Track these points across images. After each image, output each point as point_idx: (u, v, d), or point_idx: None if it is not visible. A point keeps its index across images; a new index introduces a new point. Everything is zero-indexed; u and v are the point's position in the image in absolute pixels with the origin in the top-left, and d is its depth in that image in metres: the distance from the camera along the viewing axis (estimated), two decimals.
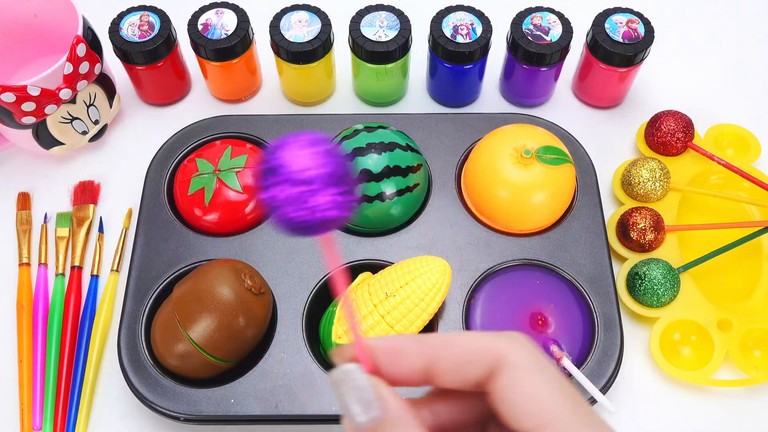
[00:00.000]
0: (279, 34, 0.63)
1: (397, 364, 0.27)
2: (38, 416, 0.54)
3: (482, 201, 0.59)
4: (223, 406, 0.51)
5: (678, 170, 0.63)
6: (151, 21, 0.64)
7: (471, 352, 0.27)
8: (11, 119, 0.58)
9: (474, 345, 0.27)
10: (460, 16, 0.64)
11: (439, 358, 0.27)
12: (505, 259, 0.57)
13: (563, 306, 0.55)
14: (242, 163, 0.58)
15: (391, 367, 0.27)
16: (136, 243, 0.58)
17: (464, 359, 0.27)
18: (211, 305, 0.49)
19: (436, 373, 0.27)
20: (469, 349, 0.27)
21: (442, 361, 0.27)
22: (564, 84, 0.72)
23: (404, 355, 0.27)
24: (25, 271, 0.60)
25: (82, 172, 0.66)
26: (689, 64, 0.74)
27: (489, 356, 0.26)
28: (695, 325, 0.56)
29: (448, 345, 0.27)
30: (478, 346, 0.27)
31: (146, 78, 0.66)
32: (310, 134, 0.25)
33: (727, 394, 0.56)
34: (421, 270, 0.51)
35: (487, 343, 0.27)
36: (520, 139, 0.58)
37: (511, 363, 0.26)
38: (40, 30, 0.66)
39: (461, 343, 0.27)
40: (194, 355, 0.50)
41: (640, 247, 0.59)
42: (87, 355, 0.56)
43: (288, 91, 0.70)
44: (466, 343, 0.27)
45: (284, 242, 0.58)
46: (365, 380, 0.26)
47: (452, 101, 0.70)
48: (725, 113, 0.70)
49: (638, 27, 0.63)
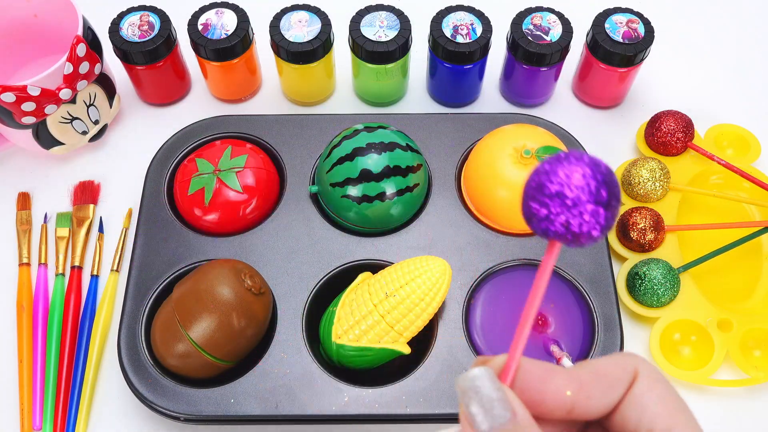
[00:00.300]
0: (279, 34, 0.63)
1: (545, 386, 0.27)
2: (38, 416, 0.54)
3: (482, 201, 0.59)
4: (223, 406, 0.51)
5: (678, 170, 0.63)
6: (151, 21, 0.64)
7: (616, 372, 0.27)
8: (11, 119, 0.58)
9: (616, 365, 0.28)
10: (460, 16, 0.64)
11: (591, 384, 0.27)
12: (505, 259, 0.57)
13: (563, 306, 0.55)
14: (242, 163, 0.58)
15: (538, 390, 0.27)
16: (136, 243, 0.58)
17: (611, 383, 0.27)
18: (211, 305, 0.49)
19: (585, 402, 0.27)
20: (613, 370, 0.28)
21: (595, 388, 0.27)
22: (564, 84, 0.72)
23: (555, 377, 0.27)
24: (25, 271, 0.60)
25: (82, 172, 0.66)
26: (689, 64, 0.74)
27: (629, 372, 0.27)
28: (695, 325, 0.56)
29: (596, 371, 0.28)
30: (619, 365, 0.28)
31: (146, 78, 0.66)
32: (586, 155, 0.26)
33: (727, 394, 0.56)
34: (421, 270, 0.51)
35: (625, 360, 0.28)
36: (520, 139, 0.58)
37: (644, 373, 0.27)
38: (40, 30, 0.66)
39: (605, 368, 0.28)
40: (194, 355, 0.50)
41: (640, 247, 0.59)
42: (87, 355, 0.56)
43: (288, 91, 0.70)
44: (608, 366, 0.28)
45: (284, 242, 0.58)
46: (495, 385, 0.26)
47: (452, 101, 0.70)
48: (725, 113, 0.70)
49: (638, 27, 0.63)
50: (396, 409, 0.50)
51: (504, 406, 0.25)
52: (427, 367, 0.52)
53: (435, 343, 0.53)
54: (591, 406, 0.27)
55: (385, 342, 0.50)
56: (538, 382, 0.27)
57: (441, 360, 0.53)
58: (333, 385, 0.51)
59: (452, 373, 0.52)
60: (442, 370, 0.52)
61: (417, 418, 0.51)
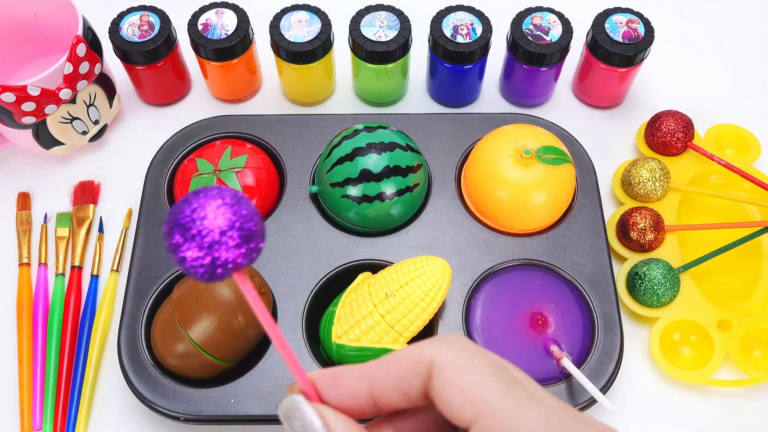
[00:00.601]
0: (279, 34, 0.63)
1: (339, 391, 0.27)
2: (38, 416, 0.54)
3: (482, 201, 0.59)
4: (223, 406, 0.51)
5: (678, 170, 0.63)
6: (151, 21, 0.64)
7: (405, 363, 0.27)
8: (11, 119, 0.58)
9: (406, 357, 0.27)
10: (460, 16, 0.64)
11: (377, 378, 0.27)
12: (505, 259, 0.57)
13: (563, 306, 0.55)
14: (242, 163, 0.58)
15: (335, 396, 0.27)
16: (136, 243, 0.58)
17: (400, 373, 0.27)
18: (211, 305, 0.49)
19: (382, 395, 0.27)
20: (402, 361, 0.27)
21: (381, 380, 0.27)
22: (564, 84, 0.72)
23: (343, 381, 0.27)
24: (25, 271, 0.60)
25: (82, 172, 0.66)
26: (689, 64, 0.74)
27: (422, 364, 0.26)
28: (695, 325, 0.56)
29: (383, 363, 0.27)
30: (411, 355, 0.27)
31: (146, 78, 0.66)
32: (215, 188, 0.25)
33: (727, 394, 0.56)
34: (421, 270, 0.51)
35: (418, 351, 0.27)
36: (520, 139, 0.58)
37: (439, 364, 0.26)
38: (40, 30, 0.66)
39: (394, 358, 0.27)
40: (194, 355, 0.50)
41: (640, 247, 0.59)
42: (87, 355, 0.56)
43: (288, 91, 0.70)
44: (398, 356, 0.27)
45: (284, 242, 0.58)
46: (308, 408, 0.27)
47: (452, 101, 0.70)
48: (725, 113, 0.70)
49: (638, 27, 0.63)
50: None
51: (320, 422, 0.26)
52: None
53: None
54: (390, 399, 0.27)
55: (386, 342, 0.50)
56: (331, 387, 0.27)
57: None
58: None
59: None
60: None
61: None
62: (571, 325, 0.54)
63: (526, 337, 0.54)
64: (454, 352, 0.26)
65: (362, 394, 0.27)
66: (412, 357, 0.27)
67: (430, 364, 0.26)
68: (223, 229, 0.24)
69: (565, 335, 0.54)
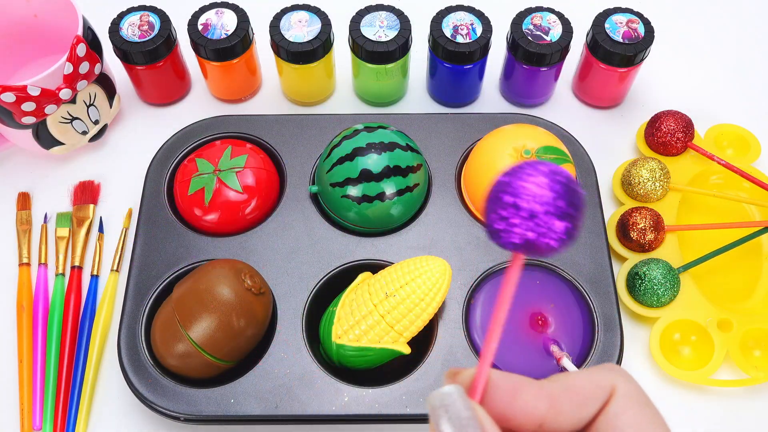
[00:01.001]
0: (279, 34, 0.63)
1: (513, 402, 0.27)
2: (38, 416, 0.54)
3: (482, 201, 0.58)
4: (223, 406, 0.51)
5: (678, 170, 0.63)
6: (151, 21, 0.64)
7: (590, 389, 0.27)
8: (11, 119, 0.58)
9: (591, 381, 0.27)
10: (460, 16, 0.64)
11: (560, 400, 0.27)
12: (505, 259, 0.57)
13: (563, 306, 0.55)
14: (242, 163, 0.58)
15: (505, 405, 0.27)
16: (136, 243, 0.58)
17: (585, 398, 0.27)
18: (211, 305, 0.49)
19: (555, 417, 0.27)
20: (588, 386, 0.27)
21: (563, 403, 0.27)
22: (564, 84, 0.72)
23: (522, 394, 0.27)
24: (25, 271, 0.60)
25: (82, 172, 0.66)
26: (689, 64, 0.74)
27: (605, 390, 0.27)
28: (695, 325, 0.56)
29: (569, 386, 0.27)
30: (594, 381, 0.27)
31: (146, 78, 0.66)
32: (547, 165, 0.26)
33: (727, 394, 0.56)
34: (421, 270, 0.51)
35: (601, 380, 0.27)
36: (520, 139, 0.58)
37: (621, 393, 0.27)
38: (40, 30, 0.66)
39: (580, 383, 0.27)
40: (194, 355, 0.50)
41: (640, 247, 0.59)
42: (87, 355, 0.56)
43: (288, 91, 0.70)
44: (583, 381, 0.27)
45: (284, 242, 0.58)
46: (466, 404, 0.25)
47: (452, 101, 0.70)
48: (725, 113, 0.70)
49: (638, 27, 0.63)
50: (396, 409, 0.50)
51: (474, 425, 0.25)
52: (427, 367, 0.52)
53: (435, 343, 0.53)
54: (562, 422, 0.27)
55: (385, 342, 0.50)
56: (507, 396, 0.27)
57: (441, 360, 0.53)
58: (333, 385, 0.51)
59: None
60: (442, 370, 0.52)
61: (417, 418, 0.51)
62: (571, 325, 0.54)
63: (526, 337, 0.54)
64: (634, 386, 0.27)
65: (537, 412, 0.27)
66: (595, 382, 0.27)
67: (611, 391, 0.27)
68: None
69: (565, 335, 0.54)
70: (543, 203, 0.25)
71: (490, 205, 0.26)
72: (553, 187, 0.25)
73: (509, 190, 0.25)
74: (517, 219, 0.25)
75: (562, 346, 0.53)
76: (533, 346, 0.54)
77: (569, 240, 0.26)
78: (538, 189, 0.25)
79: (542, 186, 0.25)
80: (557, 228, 0.25)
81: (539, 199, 0.25)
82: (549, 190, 0.25)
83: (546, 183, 0.25)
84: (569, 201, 0.25)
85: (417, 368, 0.52)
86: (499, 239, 0.26)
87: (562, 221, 0.25)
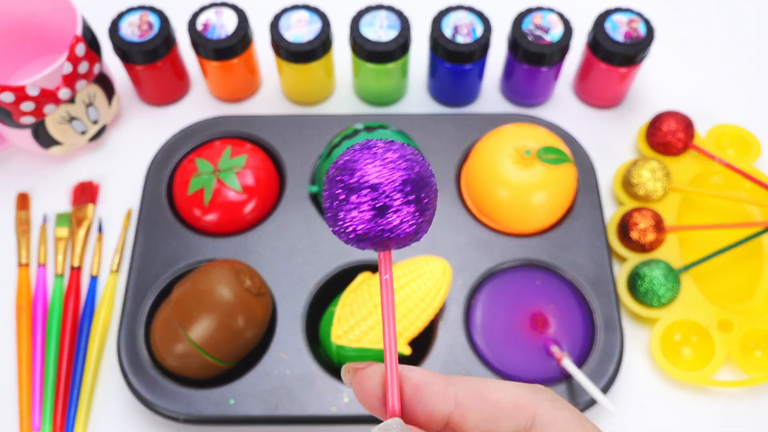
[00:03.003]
0: (279, 34, 0.63)
1: (420, 402, 0.25)
2: (37, 417, 0.54)
3: (482, 201, 0.58)
4: (223, 406, 0.51)
5: (679, 170, 0.63)
6: (150, 21, 0.64)
7: (505, 405, 0.25)
8: (10, 119, 0.58)
9: (508, 398, 0.25)
10: (460, 16, 0.63)
11: (469, 407, 0.25)
12: (505, 259, 0.57)
13: (563, 306, 0.55)
14: (242, 163, 0.58)
15: (408, 402, 0.25)
16: (135, 243, 0.58)
17: (495, 412, 0.25)
18: (210, 306, 0.49)
19: (461, 421, 0.25)
20: (502, 401, 0.25)
21: (472, 411, 0.25)
22: (564, 84, 0.71)
23: (430, 395, 0.25)
24: (25, 272, 0.60)
25: (82, 172, 0.66)
26: (690, 64, 0.74)
27: (524, 413, 0.25)
28: (696, 325, 0.56)
29: (481, 395, 0.25)
30: (513, 400, 0.25)
31: (146, 78, 0.66)
32: (386, 141, 0.25)
33: (727, 394, 0.56)
34: (421, 270, 0.51)
35: (522, 399, 0.25)
36: (520, 139, 0.57)
37: (547, 422, 0.25)
38: (39, 30, 0.66)
39: (494, 395, 0.25)
40: (194, 356, 0.50)
41: (640, 247, 0.59)
42: (86, 355, 0.56)
43: (288, 91, 0.70)
44: (499, 395, 0.25)
45: (284, 242, 0.58)
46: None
47: (452, 101, 0.70)
48: (726, 113, 0.70)
49: (639, 27, 0.63)
50: None
51: None
52: (428, 368, 0.52)
53: (435, 344, 0.53)
54: (467, 427, 0.25)
55: None
56: (410, 394, 0.26)
57: (441, 360, 0.53)
58: (333, 385, 0.51)
59: (453, 373, 0.52)
60: (443, 370, 0.52)
61: None
62: (571, 325, 0.54)
63: (527, 337, 0.54)
64: (561, 414, 0.25)
65: (440, 416, 0.25)
66: (513, 401, 0.25)
67: (532, 418, 0.25)
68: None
69: (565, 336, 0.54)
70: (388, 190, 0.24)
71: (328, 215, 0.25)
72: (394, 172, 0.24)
73: (328, 194, 0.24)
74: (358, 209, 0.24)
75: (563, 346, 0.53)
76: (533, 347, 0.54)
77: (419, 223, 0.24)
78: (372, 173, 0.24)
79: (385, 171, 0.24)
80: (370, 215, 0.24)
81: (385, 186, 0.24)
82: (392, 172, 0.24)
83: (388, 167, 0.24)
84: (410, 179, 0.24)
85: None
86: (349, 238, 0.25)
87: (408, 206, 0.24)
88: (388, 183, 0.24)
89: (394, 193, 0.24)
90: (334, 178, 0.24)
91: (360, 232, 0.24)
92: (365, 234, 0.24)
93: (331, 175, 0.25)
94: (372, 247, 0.25)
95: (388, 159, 0.24)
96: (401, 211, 0.24)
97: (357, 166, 0.24)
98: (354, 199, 0.24)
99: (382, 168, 0.24)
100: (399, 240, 0.25)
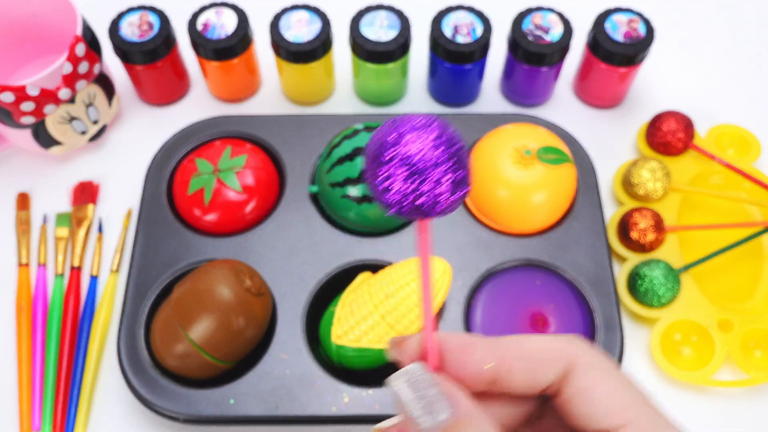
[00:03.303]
0: (279, 34, 0.63)
1: (466, 361, 0.26)
2: (37, 417, 0.54)
3: (482, 201, 0.58)
4: (223, 406, 0.51)
5: (679, 170, 0.63)
6: (150, 21, 0.64)
7: (545, 353, 0.26)
8: (10, 119, 0.58)
9: (547, 347, 0.27)
10: (460, 16, 0.63)
11: (513, 358, 0.26)
12: (505, 259, 0.57)
13: (563, 306, 0.55)
14: (242, 162, 0.58)
15: (459, 366, 0.26)
16: (135, 243, 0.58)
17: (538, 362, 0.26)
18: (210, 306, 0.49)
19: (507, 375, 0.26)
20: (543, 350, 0.27)
21: (516, 362, 0.26)
22: (564, 84, 0.71)
23: (475, 353, 0.26)
24: (25, 272, 0.60)
25: (82, 172, 0.66)
26: (690, 64, 0.74)
27: (563, 359, 0.26)
28: (696, 325, 0.56)
29: (522, 347, 0.27)
30: (551, 348, 0.27)
31: (146, 78, 0.66)
32: (424, 117, 0.25)
33: (727, 394, 0.56)
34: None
35: (560, 346, 0.27)
36: (520, 139, 0.57)
37: (584, 365, 0.26)
38: (39, 30, 0.66)
39: (534, 346, 0.27)
40: (194, 356, 0.50)
41: (640, 247, 0.59)
42: (86, 355, 0.56)
43: (288, 91, 0.70)
44: (539, 345, 0.27)
45: (284, 242, 0.58)
46: (431, 380, 0.25)
47: (452, 101, 0.70)
48: (726, 113, 0.70)
49: (639, 27, 0.63)
50: (396, 410, 0.50)
51: (442, 401, 0.25)
52: None
53: None
54: (513, 380, 0.27)
55: (386, 342, 0.50)
56: (457, 356, 0.27)
57: None
58: (333, 385, 0.51)
59: None
60: None
61: None
62: (571, 325, 0.54)
63: None
64: (596, 356, 0.27)
65: (487, 373, 0.26)
66: (553, 349, 0.26)
67: (572, 363, 0.26)
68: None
69: None
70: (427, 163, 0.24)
71: (374, 190, 0.25)
72: (433, 143, 0.24)
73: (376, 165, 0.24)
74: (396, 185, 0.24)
75: None
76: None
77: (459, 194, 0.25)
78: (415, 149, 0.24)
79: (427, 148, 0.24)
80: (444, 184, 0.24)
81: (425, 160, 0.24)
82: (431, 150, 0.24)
83: (418, 141, 0.24)
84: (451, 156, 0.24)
85: None
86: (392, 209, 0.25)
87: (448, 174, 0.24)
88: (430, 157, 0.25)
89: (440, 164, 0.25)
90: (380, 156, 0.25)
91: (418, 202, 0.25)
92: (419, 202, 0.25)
93: (374, 154, 0.25)
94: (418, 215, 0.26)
95: (428, 135, 0.25)
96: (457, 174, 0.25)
97: (401, 141, 0.25)
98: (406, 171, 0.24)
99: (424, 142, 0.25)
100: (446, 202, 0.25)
